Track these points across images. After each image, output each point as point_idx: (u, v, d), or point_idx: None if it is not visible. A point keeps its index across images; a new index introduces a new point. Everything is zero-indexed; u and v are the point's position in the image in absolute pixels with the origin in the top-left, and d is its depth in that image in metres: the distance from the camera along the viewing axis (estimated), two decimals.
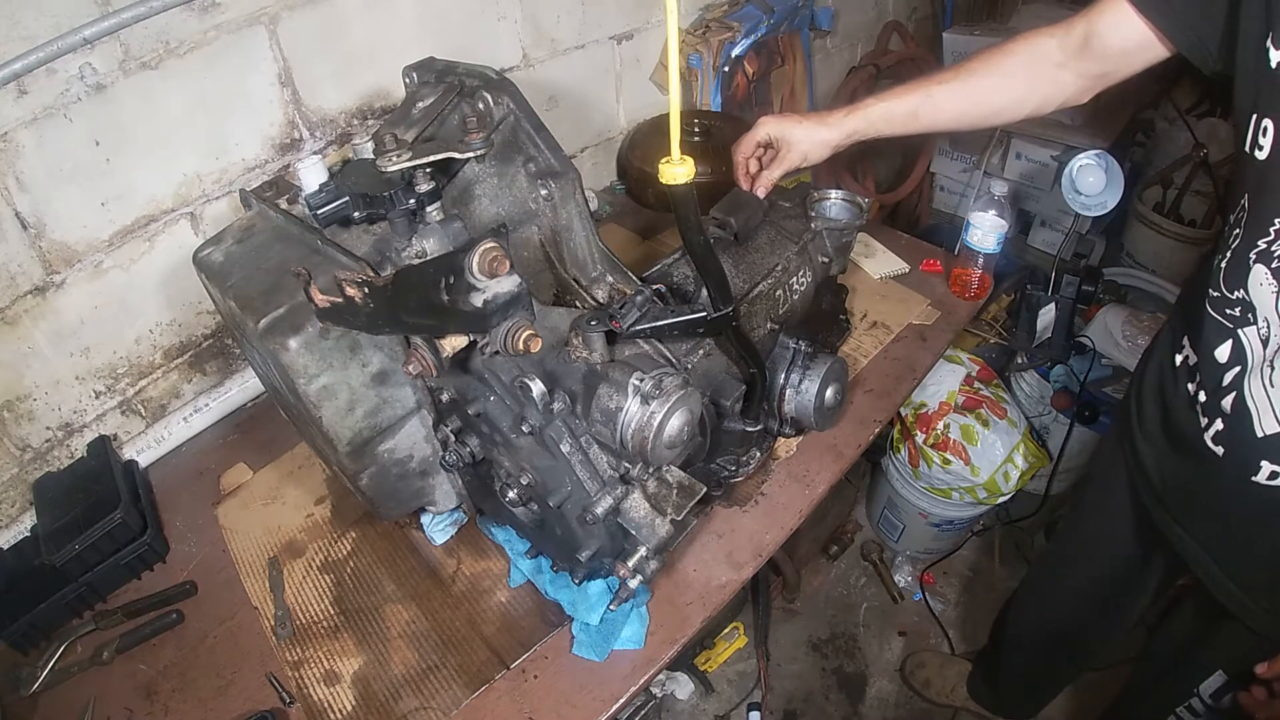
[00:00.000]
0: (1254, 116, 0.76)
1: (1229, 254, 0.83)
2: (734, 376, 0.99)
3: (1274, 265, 0.76)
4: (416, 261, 0.81)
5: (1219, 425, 0.87)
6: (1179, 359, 0.96)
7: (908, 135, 1.11)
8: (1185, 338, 0.95)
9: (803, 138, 1.10)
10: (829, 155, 1.13)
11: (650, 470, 0.85)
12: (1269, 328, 0.78)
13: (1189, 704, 1.18)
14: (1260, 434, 0.81)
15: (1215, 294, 0.85)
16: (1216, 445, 0.87)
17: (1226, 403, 0.84)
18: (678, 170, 0.67)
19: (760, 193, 1.14)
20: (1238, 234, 0.81)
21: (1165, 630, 1.32)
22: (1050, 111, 1.03)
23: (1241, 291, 0.81)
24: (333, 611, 1.06)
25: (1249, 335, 0.81)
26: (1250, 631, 0.99)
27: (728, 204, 1.11)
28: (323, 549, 1.15)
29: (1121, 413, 1.15)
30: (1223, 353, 0.85)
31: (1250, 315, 0.81)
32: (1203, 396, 0.89)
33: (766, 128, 1.13)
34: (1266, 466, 0.83)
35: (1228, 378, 0.84)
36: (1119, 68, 0.94)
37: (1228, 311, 0.84)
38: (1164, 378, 1.00)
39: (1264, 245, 0.77)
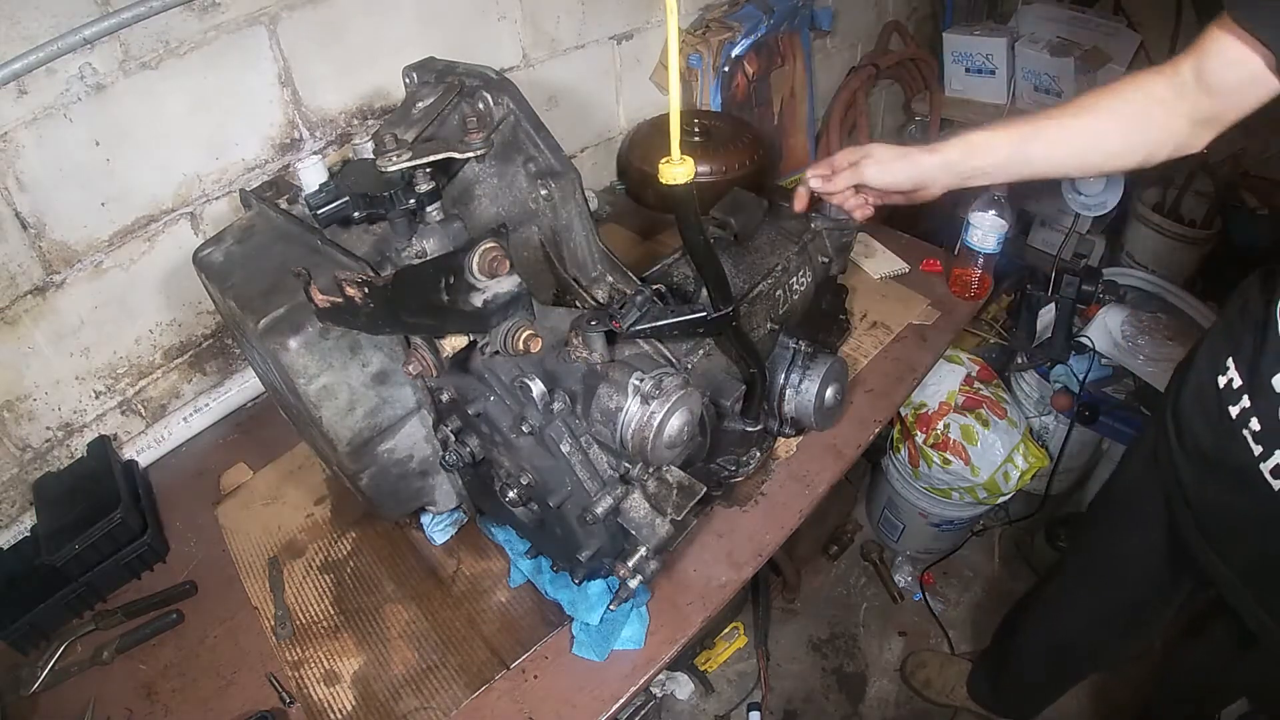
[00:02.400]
0: None
1: None
2: (734, 376, 0.99)
3: None
4: (416, 261, 0.81)
5: (1279, 460, 0.84)
6: (1222, 381, 0.92)
7: (1004, 180, 1.01)
8: (1229, 359, 0.92)
9: (888, 155, 1.02)
10: (909, 180, 1.02)
11: (650, 470, 0.85)
12: None
13: None
14: None
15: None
16: (1275, 479, 0.85)
17: None
18: (678, 170, 0.67)
19: (865, 213, 1.07)
20: None
21: (1188, 654, 1.29)
22: (1160, 160, 0.94)
23: None
24: (333, 611, 1.06)
25: None
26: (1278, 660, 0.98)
27: (728, 204, 1.11)
28: (323, 549, 1.15)
29: (1156, 430, 1.10)
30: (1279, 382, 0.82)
31: None
32: (1256, 425, 0.86)
33: (869, 178, 1.02)
34: None
35: None
36: (1230, 106, 0.87)
37: None
38: (1205, 399, 0.96)
39: None
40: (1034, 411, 2.08)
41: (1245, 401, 0.88)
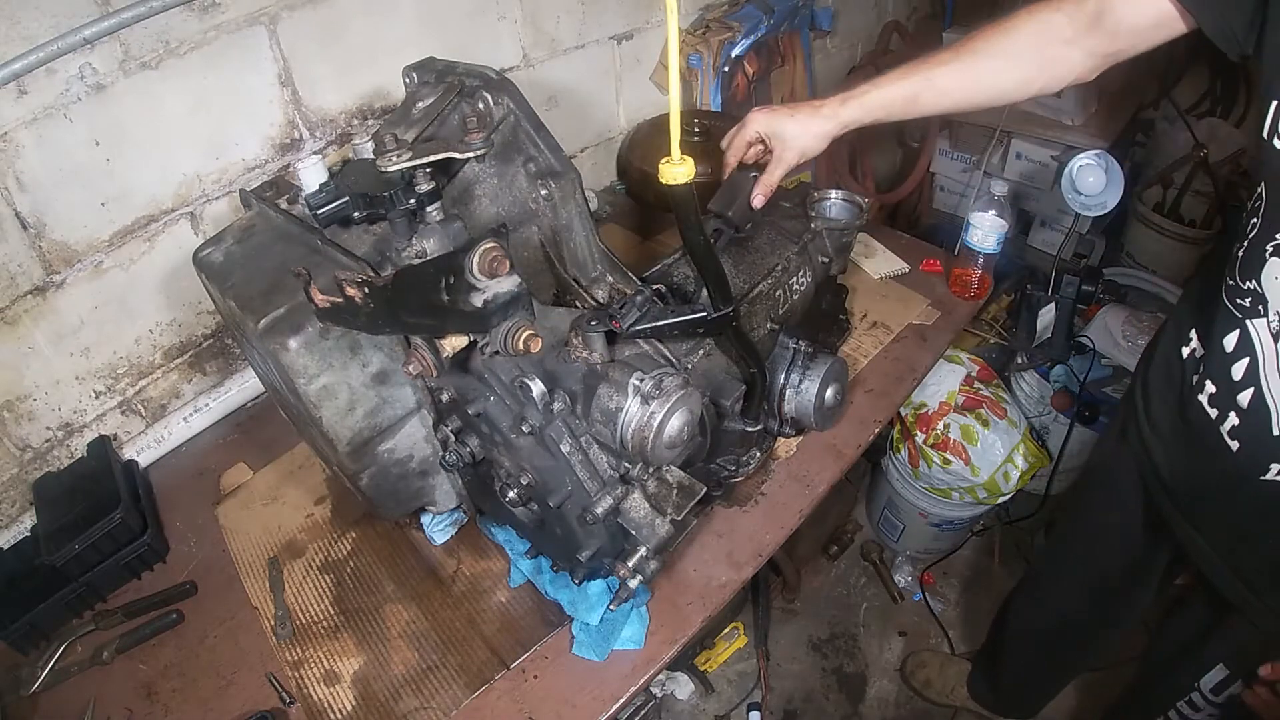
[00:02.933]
0: (1276, 104, 0.73)
1: (1245, 243, 0.81)
2: (734, 376, 0.99)
3: None
4: (416, 261, 0.81)
5: (1234, 420, 0.86)
6: (1185, 351, 0.95)
7: (907, 120, 1.06)
8: (1193, 330, 0.95)
9: (798, 133, 1.04)
10: (826, 147, 1.06)
11: (650, 470, 0.85)
12: None
13: (1189, 699, 1.17)
14: (1276, 432, 0.81)
15: (1230, 282, 0.84)
16: (1233, 440, 0.87)
17: (1243, 398, 0.84)
18: (678, 170, 0.66)
19: (758, 201, 1.09)
20: (1255, 224, 0.80)
21: (1168, 626, 1.31)
22: (1056, 90, 0.99)
23: (1254, 283, 0.80)
24: (333, 611, 1.06)
25: (1258, 327, 0.81)
26: (1254, 627, 0.99)
27: (722, 196, 1.10)
28: (323, 549, 1.15)
29: (1125, 407, 1.14)
30: (1229, 342, 0.84)
31: (1261, 308, 0.80)
32: (1211, 388, 0.88)
33: (756, 125, 1.06)
34: (1275, 467, 0.83)
35: (1237, 371, 0.83)
36: (1131, 45, 0.89)
37: (1238, 301, 0.83)
38: (1171, 369, 0.99)
39: None
40: (1034, 411, 2.08)
41: (1202, 368, 0.90)
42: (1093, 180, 1.52)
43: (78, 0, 1.02)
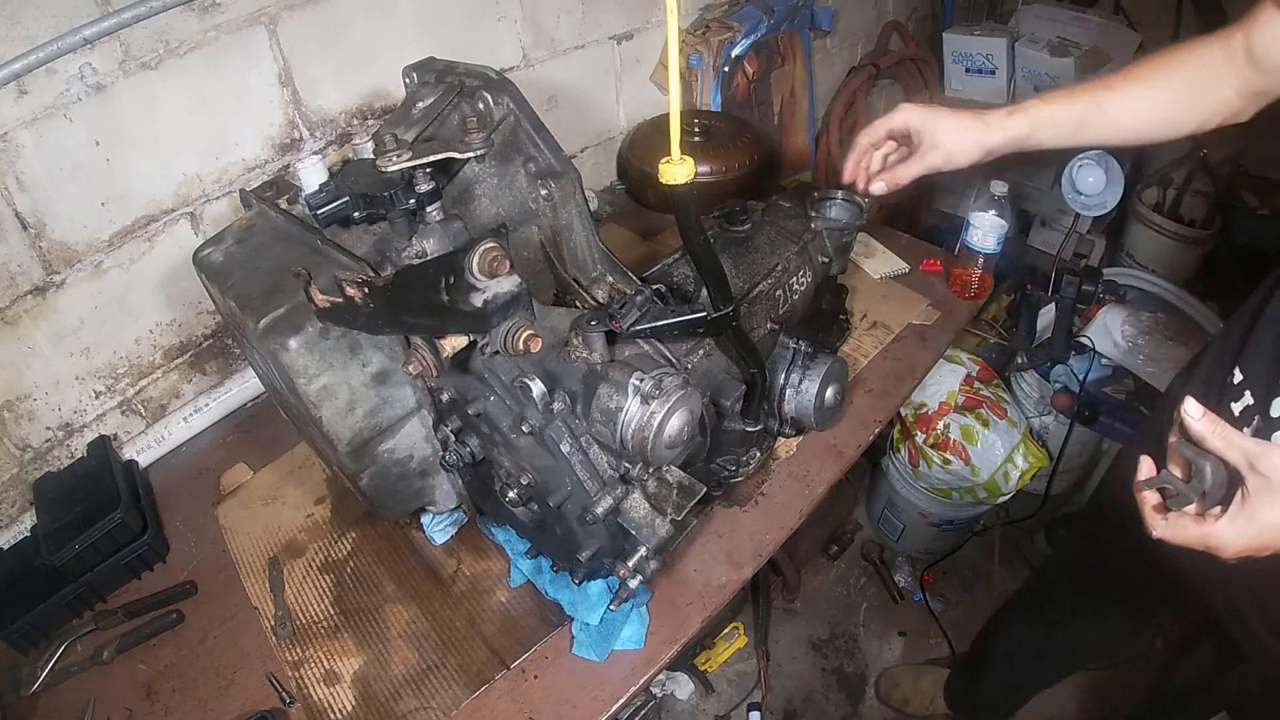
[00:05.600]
0: None
1: None
2: (734, 376, 0.99)
3: None
4: (416, 261, 0.81)
5: None
6: (1227, 380, 0.90)
7: (1067, 147, 0.98)
8: (1236, 363, 0.90)
9: (954, 135, 0.95)
10: (977, 160, 0.96)
11: (650, 470, 0.85)
12: None
13: None
14: None
15: None
16: None
17: None
18: (678, 170, 0.67)
19: (877, 189, 1.00)
20: None
21: (1175, 671, 1.28)
22: (1212, 129, 0.93)
23: None
24: (333, 611, 1.06)
25: None
26: (1261, 675, 0.96)
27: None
28: (323, 549, 1.15)
29: (1154, 431, 1.10)
30: (1278, 372, 0.80)
31: None
32: (1258, 423, 0.83)
33: (907, 115, 0.96)
34: None
35: (1278, 406, 0.78)
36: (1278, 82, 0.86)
37: None
38: (1209, 398, 0.93)
39: None
40: (1034, 411, 2.08)
41: (1248, 398, 0.86)
42: (1093, 180, 1.52)
43: (78, 0, 1.02)
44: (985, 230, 1.39)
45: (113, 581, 1.12)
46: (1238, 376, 0.89)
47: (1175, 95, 0.92)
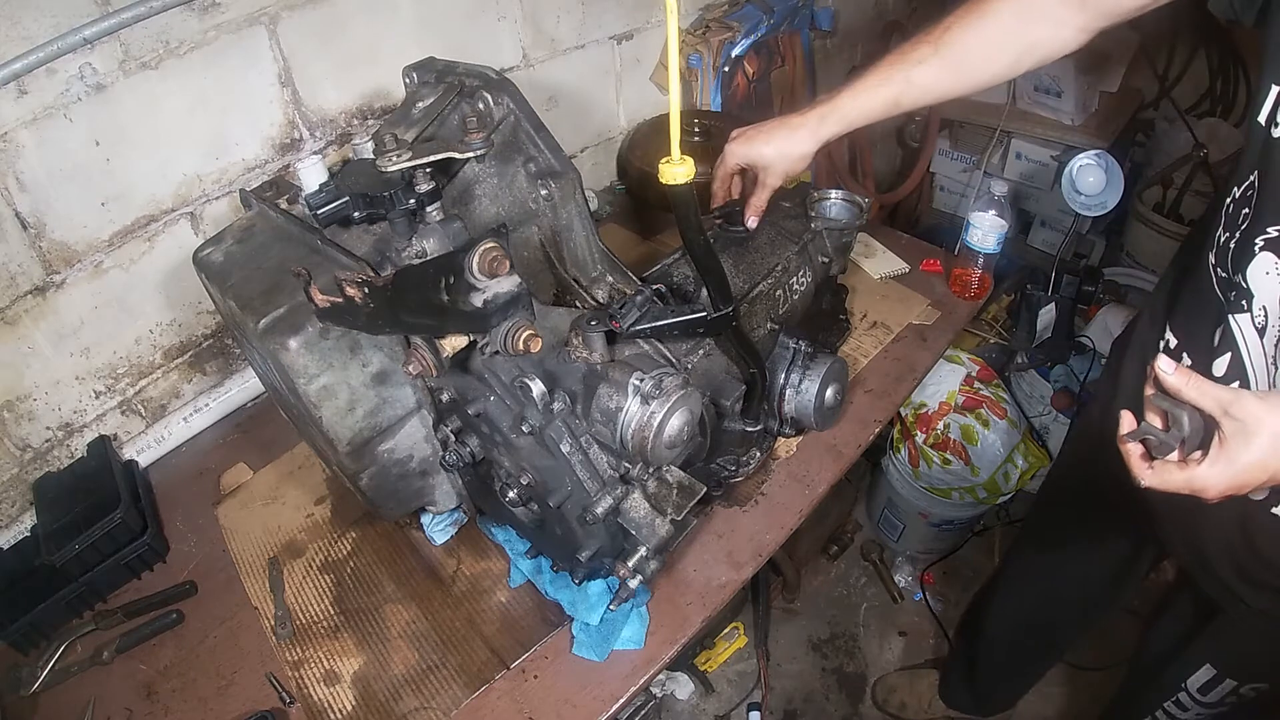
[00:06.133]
0: (1276, 88, 0.70)
1: (1237, 234, 0.78)
2: (734, 376, 0.99)
3: None
4: (416, 261, 0.81)
5: None
6: (1162, 344, 0.93)
7: (890, 119, 1.03)
8: (1167, 323, 0.93)
9: (776, 158, 1.03)
10: (809, 163, 1.05)
11: (650, 470, 0.85)
12: (1266, 318, 0.76)
13: (1177, 699, 1.16)
14: None
15: (1219, 273, 0.81)
16: None
17: None
18: (678, 170, 0.67)
19: (752, 223, 1.09)
20: (1246, 214, 0.77)
21: (1155, 627, 1.30)
22: (1043, 65, 0.95)
23: (1240, 276, 0.77)
24: (333, 611, 1.06)
25: (1240, 322, 0.78)
26: (1239, 626, 0.98)
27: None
28: (323, 549, 1.15)
29: (1099, 405, 1.12)
30: (1210, 336, 0.82)
31: (1245, 302, 0.77)
32: None
33: (733, 158, 1.06)
34: None
35: (1219, 367, 0.81)
36: (1123, 12, 0.87)
37: (1222, 293, 0.80)
38: (1147, 363, 0.98)
39: (1275, 233, 0.72)
40: (1034, 411, 2.08)
41: (1187, 361, 0.87)
42: (1093, 180, 1.52)
43: (78, 0, 1.02)
44: (985, 230, 1.39)
45: (113, 581, 1.12)
46: (1172, 341, 0.91)
47: (995, 52, 0.94)
